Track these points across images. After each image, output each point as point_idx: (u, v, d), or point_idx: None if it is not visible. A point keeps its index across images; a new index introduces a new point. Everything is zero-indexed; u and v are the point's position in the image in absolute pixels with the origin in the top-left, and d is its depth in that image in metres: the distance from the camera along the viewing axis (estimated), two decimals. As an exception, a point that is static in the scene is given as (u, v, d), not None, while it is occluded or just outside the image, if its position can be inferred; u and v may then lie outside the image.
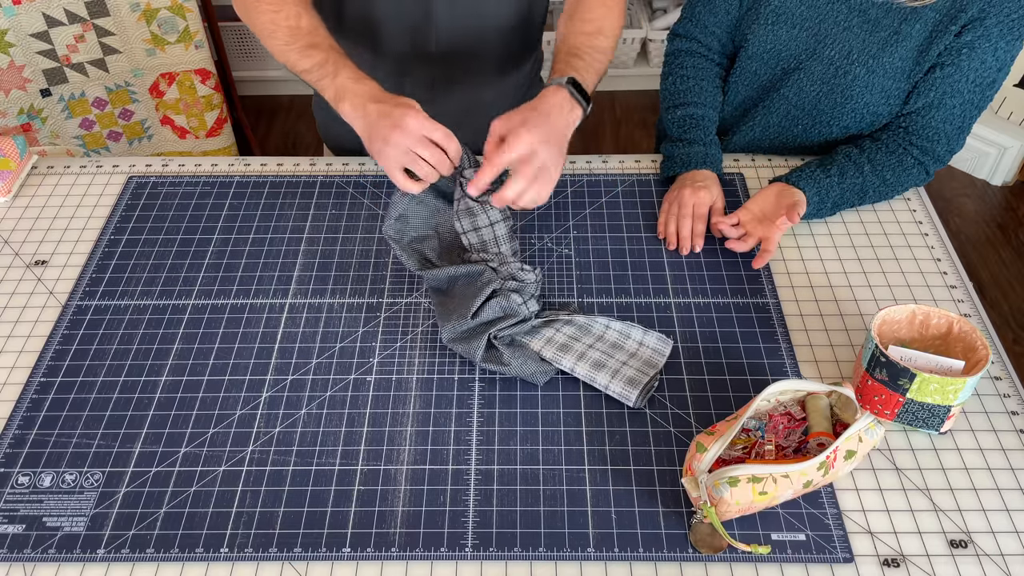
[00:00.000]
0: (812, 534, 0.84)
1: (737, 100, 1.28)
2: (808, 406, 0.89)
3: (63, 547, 0.84)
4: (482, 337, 0.96)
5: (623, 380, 0.94)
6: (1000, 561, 0.82)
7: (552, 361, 0.97)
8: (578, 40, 1.08)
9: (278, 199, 1.22)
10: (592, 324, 1.01)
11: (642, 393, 0.94)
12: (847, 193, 1.15)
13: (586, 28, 1.09)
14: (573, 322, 1.01)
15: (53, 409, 0.95)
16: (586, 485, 0.88)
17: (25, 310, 1.07)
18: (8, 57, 1.93)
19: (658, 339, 1.00)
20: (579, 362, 0.96)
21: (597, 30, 1.10)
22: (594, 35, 1.09)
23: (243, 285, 1.10)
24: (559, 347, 0.98)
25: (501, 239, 1.04)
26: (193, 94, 2.19)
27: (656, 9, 2.84)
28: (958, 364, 0.90)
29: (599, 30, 1.10)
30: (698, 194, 1.14)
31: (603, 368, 0.95)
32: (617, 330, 1.00)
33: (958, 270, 1.12)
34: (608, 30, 1.11)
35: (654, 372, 0.96)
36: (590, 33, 1.09)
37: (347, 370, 0.99)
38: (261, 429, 0.93)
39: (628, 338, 0.99)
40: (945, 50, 1.10)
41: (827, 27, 1.15)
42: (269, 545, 0.84)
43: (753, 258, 1.10)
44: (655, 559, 0.82)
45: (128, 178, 1.26)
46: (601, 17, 1.11)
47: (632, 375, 0.95)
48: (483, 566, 0.82)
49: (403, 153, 0.94)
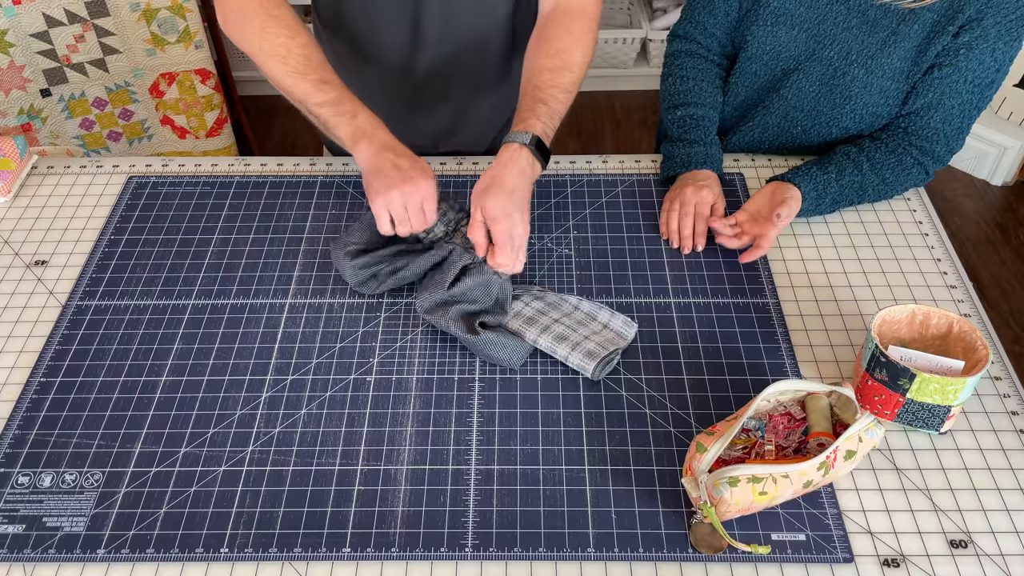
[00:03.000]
0: (812, 534, 0.84)
1: (737, 101, 1.28)
2: (808, 406, 0.89)
3: (63, 547, 0.84)
4: (457, 306, 0.99)
5: (582, 352, 0.96)
6: (1000, 561, 0.82)
7: (517, 333, 1.00)
8: (543, 78, 1.07)
9: (278, 199, 1.22)
10: (562, 303, 1.03)
11: (600, 364, 0.95)
12: (846, 191, 1.15)
13: (551, 63, 1.08)
14: (544, 299, 1.04)
15: (53, 409, 0.95)
16: (586, 485, 0.88)
17: (25, 310, 1.07)
18: (8, 57, 1.93)
19: (624, 322, 1.02)
20: (542, 334, 0.99)
21: (563, 65, 1.08)
22: (559, 71, 1.08)
23: (243, 285, 1.10)
24: (525, 320, 1.01)
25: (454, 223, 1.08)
26: (193, 94, 2.19)
27: (656, 9, 2.84)
28: (958, 364, 0.90)
29: (565, 64, 1.08)
30: (700, 193, 1.14)
31: (564, 341, 0.98)
32: (585, 311, 1.02)
33: (958, 270, 1.12)
34: (574, 64, 1.09)
35: (614, 348, 0.97)
36: (555, 69, 1.08)
37: (347, 370, 0.99)
38: (261, 429, 0.93)
39: (594, 319, 1.01)
40: (943, 51, 1.10)
41: (826, 28, 1.15)
42: (269, 545, 0.84)
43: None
44: (655, 559, 0.82)
45: (128, 178, 1.26)
46: (568, 48, 1.09)
47: (592, 348, 0.97)
48: (483, 566, 0.82)
49: (400, 206, 1.00)
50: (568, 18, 1.11)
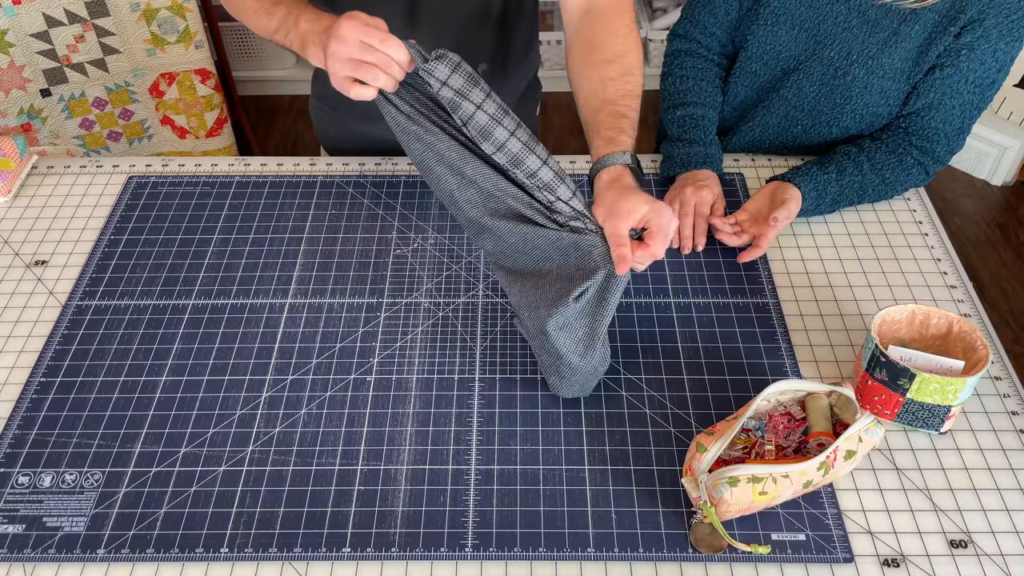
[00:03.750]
0: (812, 534, 0.84)
1: (737, 100, 1.28)
2: (808, 406, 0.89)
3: (63, 547, 0.84)
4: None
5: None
6: (1000, 561, 0.82)
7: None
8: (611, 90, 1.00)
9: (278, 199, 1.22)
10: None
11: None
12: (846, 190, 1.15)
13: (613, 71, 1.01)
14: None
15: (53, 409, 0.95)
16: (586, 485, 0.88)
17: (25, 310, 1.07)
18: (8, 57, 1.93)
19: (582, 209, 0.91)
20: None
21: (625, 71, 1.02)
22: (624, 78, 1.02)
23: (243, 285, 1.10)
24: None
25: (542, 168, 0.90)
26: (193, 94, 2.19)
27: (656, 9, 2.84)
28: (958, 364, 0.90)
29: (627, 70, 1.02)
30: (700, 192, 1.14)
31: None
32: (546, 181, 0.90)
33: (958, 270, 1.12)
34: (634, 67, 1.03)
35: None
36: (619, 78, 1.01)
37: (347, 370, 0.99)
38: (261, 429, 0.93)
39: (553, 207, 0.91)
40: (944, 51, 1.10)
41: (827, 28, 1.15)
42: (269, 545, 0.84)
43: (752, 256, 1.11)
44: (655, 559, 0.82)
45: (128, 178, 1.26)
46: (623, 52, 1.03)
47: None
48: (483, 566, 0.82)
49: (344, 63, 0.87)
50: (610, 19, 1.06)
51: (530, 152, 0.88)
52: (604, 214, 0.90)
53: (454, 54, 0.88)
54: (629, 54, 1.04)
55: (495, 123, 0.88)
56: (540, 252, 0.92)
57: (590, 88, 1.02)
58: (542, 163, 0.89)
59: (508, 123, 0.88)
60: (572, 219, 0.90)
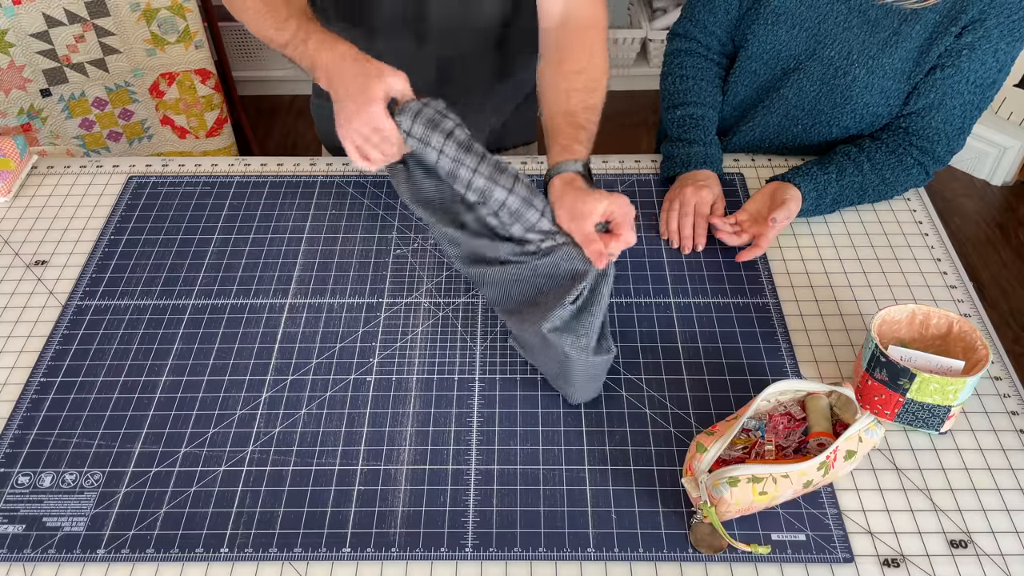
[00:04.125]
0: (812, 534, 0.84)
1: (737, 100, 1.28)
2: (808, 406, 0.89)
3: (63, 547, 0.84)
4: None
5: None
6: (1000, 561, 0.82)
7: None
8: (574, 102, 1.04)
9: (278, 199, 1.22)
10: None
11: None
12: (846, 190, 1.15)
13: (578, 83, 1.05)
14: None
15: (53, 409, 0.95)
16: (586, 485, 0.88)
17: (25, 310, 1.07)
18: (8, 57, 1.93)
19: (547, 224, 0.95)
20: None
21: (591, 84, 1.06)
22: (589, 92, 1.05)
23: (243, 285, 1.10)
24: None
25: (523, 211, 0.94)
26: (193, 94, 2.19)
27: (656, 9, 2.84)
28: (958, 364, 0.90)
29: (593, 84, 1.06)
30: (700, 192, 1.14)
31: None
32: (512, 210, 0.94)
33: (958, 270, 1.12)
34: (599, 82, 1.07)
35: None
36: (583, 90, 1.05)
37: (347, 370, 0.99)
38: (261, 429, 0.93)
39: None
40: (945, 51, 1.10)
41: (827, 27, 1.15)
42: (269, 545, 0.84)
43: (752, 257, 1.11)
44: (655, 559, 0.82)
45: (128, 178, 1.26)
46: (590, 66, 1.07)
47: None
48: (483, 566, 0.82)
49: (350, 137, 0.94)
50: (583, 32, 1.09)
51: (495, 184, 0.93)
52: (567, 218, 0.93)
53: (415, 102, 0.93)
54: (596, 68, 1.08)
55: (458, 164, 0.93)
56: (528, 284, 0.96)
57: (554, 97, 1.06)
58: (508, 192, 0.93)
59: (470, 161, 0.93)
60: (542, 241, 0.94)
